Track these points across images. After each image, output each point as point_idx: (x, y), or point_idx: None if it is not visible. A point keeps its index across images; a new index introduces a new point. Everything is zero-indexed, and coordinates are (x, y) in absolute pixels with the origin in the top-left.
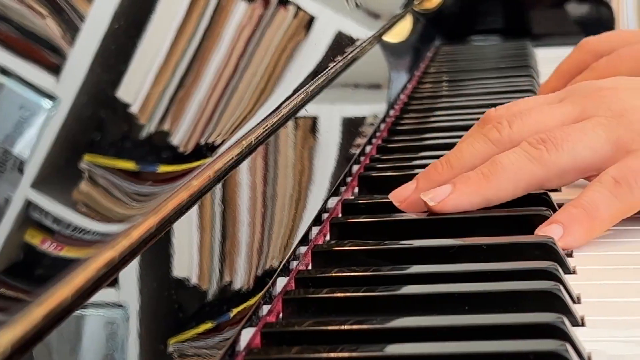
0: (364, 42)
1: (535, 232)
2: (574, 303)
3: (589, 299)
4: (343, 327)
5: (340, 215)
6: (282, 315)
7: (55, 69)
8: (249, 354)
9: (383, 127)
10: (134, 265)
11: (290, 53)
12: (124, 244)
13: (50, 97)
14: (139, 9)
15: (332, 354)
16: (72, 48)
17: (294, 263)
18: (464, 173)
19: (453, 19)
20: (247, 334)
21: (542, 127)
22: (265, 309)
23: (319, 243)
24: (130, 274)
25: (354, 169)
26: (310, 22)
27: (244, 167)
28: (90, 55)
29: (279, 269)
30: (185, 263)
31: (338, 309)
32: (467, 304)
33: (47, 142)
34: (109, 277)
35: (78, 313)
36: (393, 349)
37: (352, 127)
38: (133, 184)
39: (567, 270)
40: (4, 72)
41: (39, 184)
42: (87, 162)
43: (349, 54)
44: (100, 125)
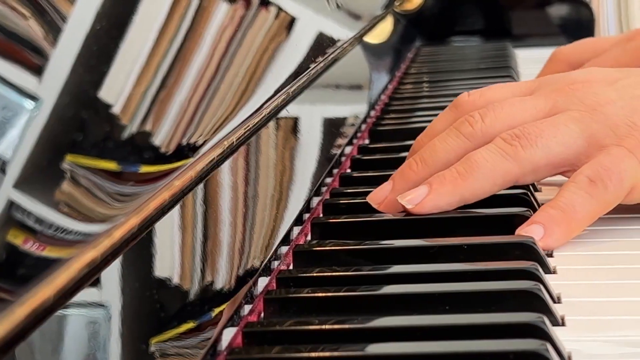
0: (345, 42)
1: (516, 232)
2: (554, 303)
3: (569, 299)
4: (324, 326)
5: (322, 216)
6: (263, 315)
7: (38, 70)
8: (231, 354)
9: (364, 127)
10: (116, 265)
11: (272, 54)
12: (106, 244)
13: (33, 97)
14: (121, 10)
15: (313, 354)
16: (54, 49)
17: (276, 263)
18: (440, 172)
19: (434, 20)
20: (228, 334)
21: (514, 121)
22: (247, 309)
23: (300, 243)
24: (112, 274)
25: (335, 170)
26: (292, 23)
27: (226, 167)
28: (73, 56)
29: (261, 269)
30: (167, 263)
31: (319, 309)
32: (447, 304)
33: (29, 142)
34: (91, 277)
35: (60, 313)
36: (374, 349)
37: (333, 127)
38: (115, 184)
39: (547, 270)
40: None
41: (21, 184)
42: (69, 162)
43: (330, 55)
44: (83, 126)
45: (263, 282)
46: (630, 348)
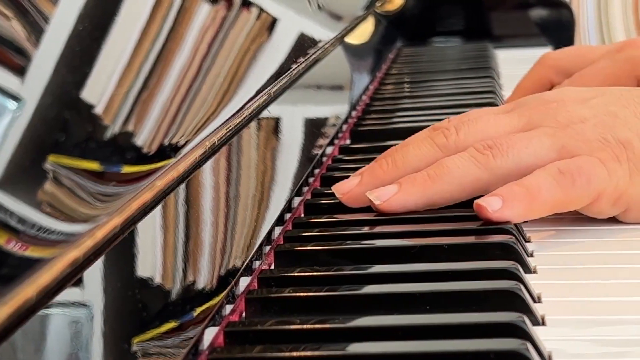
0: (326, 43)
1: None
2: (535, 302)
3: (549, 298)
4: (305, 326)
5: (303, 215)
6: (245, 315)
7: (20, 70)
8: (212, 353)
9: (345, 128)
10: (99, 265)
11: (253, 54)
12: (89, 244)
13: (15, 98)
14: (104, 11)
15: (294, 353)
16: (36, 49)
17: (257, 263)
18: (410, 174)
19: (414, 21)
20: (210, 333)
21: (488, 134)
22: (229, 309)
23: (282, 243)
24: (95, 274)
25: (317, 170)
26: (273, 23)
27: (208, 167)
28: (55, 57)
29: (242, 269)
30: (149, 263)
31: (300, 309)
32: (428, 304)
33: (12, 143)
34: (74, 276)
35: (43, 312)
36: (355, 348)
37: (314, 128)
38: (97, 184)
39: (527, 270)
40: None
41: (4, 184)
42: (51, 162)
43: (312, 56)
44: (65, 126)
45: (245, 281)
46: (610, 347)
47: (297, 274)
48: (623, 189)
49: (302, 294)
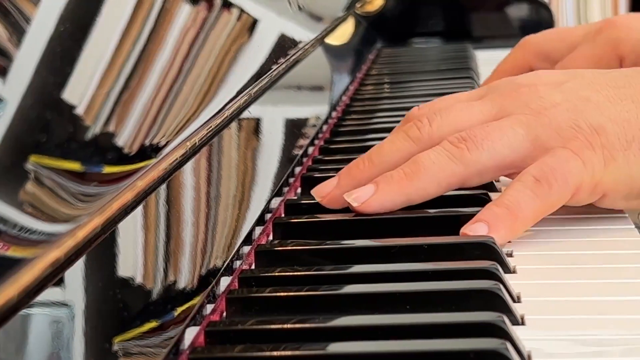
0: (307, 44)
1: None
2: (514, 302)
3: (529, 298)
4: (286, 325)
5: (283, 216)
6: (225, 314)
7: (1, 71)
8: (193, 353)
9: (325, 128)
10: (80, 265)
11: (234, 55)
12: (70, 244)
13: None
14: (85, 12)
15: (275, 353)
16: (18, 50)
17: (238, 263)
18: (387, 172)
19: (394, 22)
20: (191, 333)
21: (461, 125)
22: (209, 308)
23: (262, 243)
24: (76, 274)
25: (297, 170)
26: (254, 24)
27: (188, 168)
28: (37, 58)
29: (223, 269)
30: (130, 263)
31: (281, 308)
32: (408, 303)
33: None
34: (55, 276)
35: (24, 312)
36: (335, 348)
37: (294, 128)
38: (78, 185)
39: (507, 270)
40: None
41: None
42: (33, 162)
43: (292, 56)
44: (46, 127)
45: (225, 281)
46: (589, 347)
47: (277, 274)
48: (599, 177)
49: (282, 294)
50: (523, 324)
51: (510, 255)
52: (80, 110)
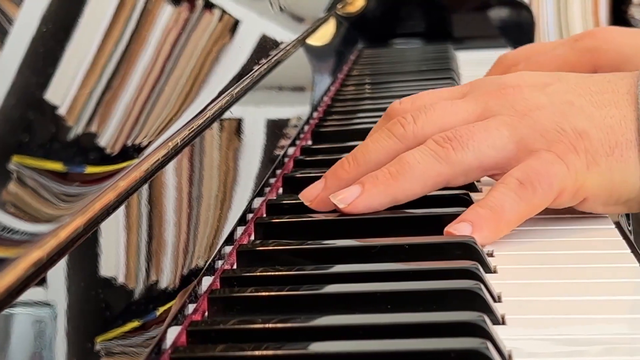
0: (288, 45)
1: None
2: (495, 302)
3: (509, 298)
4: (267, 325)
5: (265, 216)
6: (207, 314)
7: None
8: (175, 352)
9: (307, 129)
10: (62, 265)
11: (216, 56)
12: (52, 244)
13: None
14: (67, 13)
15: (256, 352)
16: (0, 51)
17: (219, 262)
18: (372, 172)
19: (375, 23)
20: (173, 333)
21: (446, 124)
22: (191, 308)
23: (244, 243)
24: (58, 274)
25: (278, 170)
26: (235, 25)
27: (170, 168)
28: (19, 58)
29: (205, 269)
30: (113, 263)
31: (262, 308)
32: (389, 303)
33: None
34: (37, 276)
35: (6, 312)
36: (316, 347)
37: (276, 129)
38: (61, 185)
39: (488, 270)
40: None
41: None
42: (15, 163)
43: (273, 57)
44: (29, 127)
45: (207, 281)
46: (570, 346)
47: (259, 274)
48: (581, 181)
49: (264, 294)
50: (504, 324)
51: (491, 255)
52: (63, 111)
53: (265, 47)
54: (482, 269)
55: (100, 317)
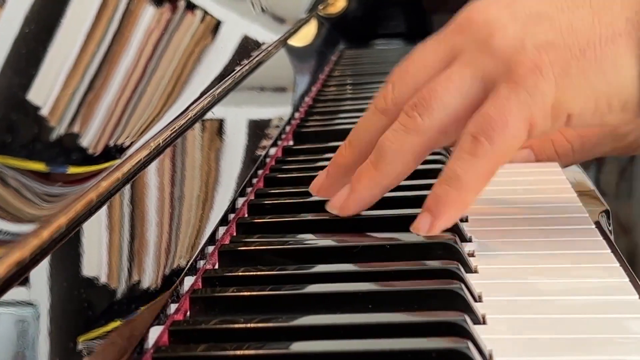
0: (270, 46)
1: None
2: (476, 302)
3: (490, 298)
4: (249, 325)
5: (247, 216)
6: (189, 314)
7: None
8: (157, 352)
9: (288, 129)
10: (45, 265)
11: (198, 57)
12: (35, 244)
13: None
14: (49, 14)
15: (238, 352)
16: None
17: (201, 262)
18: (358, 168)
19: (357, 23)
20: (155, 332)
21: (419, 81)
22: (173, 308)
23: (226, 243)
24: (41, 273)
25: (260, 171)
26: (217, 26)
27: (152, 168)
28: (1, 59)
29: (187, 268)
30: (95, 262)
31: (244, 308)
32: (370, 303)
33: None
34: (20, 276)
35: None
36: (298, 347)
37: (258, 129)
38: (43, 185)
39: (469, 270)
40: None
41: None
42: None
43: (255, 58)
44: (11, 127)
45: (189, 281)
46: (550, 346)
47: (240, 274)
48: (552, 99)
49: (245, 294)
50: (484, 323)
51: (472, 255)
52: (45, 111)
53: (247, 47)
54: (463, 269)
55: (83, 316)
